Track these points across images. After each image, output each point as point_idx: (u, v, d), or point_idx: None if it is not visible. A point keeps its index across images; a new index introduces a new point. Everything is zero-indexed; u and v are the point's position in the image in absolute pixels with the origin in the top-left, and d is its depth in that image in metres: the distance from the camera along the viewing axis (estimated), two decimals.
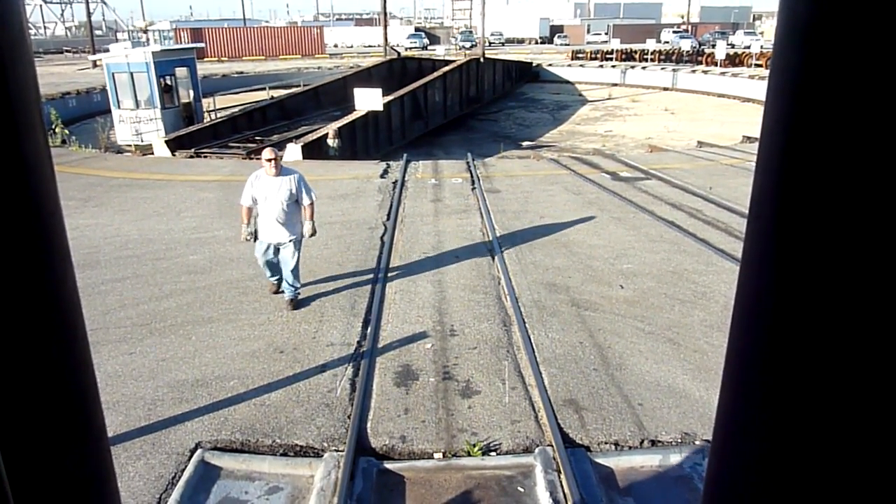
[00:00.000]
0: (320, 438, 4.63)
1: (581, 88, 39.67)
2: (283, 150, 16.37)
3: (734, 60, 39.77)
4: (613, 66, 42.78)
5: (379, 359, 5.79)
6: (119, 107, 20.76)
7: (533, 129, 28.98)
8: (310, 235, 6.76)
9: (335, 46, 70.85)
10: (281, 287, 6.99)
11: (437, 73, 27.74)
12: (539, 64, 43.91)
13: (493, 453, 4.50)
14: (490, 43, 56.25)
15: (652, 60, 44.27)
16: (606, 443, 4.59)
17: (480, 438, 4.62)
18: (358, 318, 6.60)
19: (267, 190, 6.50)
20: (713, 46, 44.79)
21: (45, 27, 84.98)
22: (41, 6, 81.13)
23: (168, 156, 17.20)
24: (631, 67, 41.81)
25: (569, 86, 40.55)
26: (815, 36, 0.79)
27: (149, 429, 4.73)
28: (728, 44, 47.07)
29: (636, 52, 46.77)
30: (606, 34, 69.74)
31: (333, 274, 7.83)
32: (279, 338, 6.19)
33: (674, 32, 63.15)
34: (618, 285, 7.52)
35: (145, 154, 18.17)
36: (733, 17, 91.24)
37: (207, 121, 21.93)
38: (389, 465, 4.37)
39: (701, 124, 27.16)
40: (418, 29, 76.63)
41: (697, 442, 4.56)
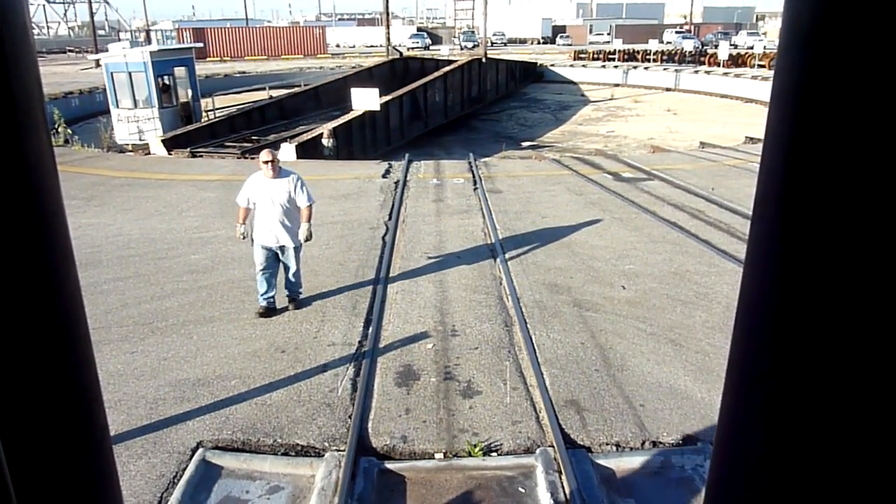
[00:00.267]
0: (321, 438, 4.63)
1: (583, 89, 39.62)
2: (279, 150, 16.38)
3: (737, 61, 39.67)
4: (616, 67, 42.73)
5: (380, 359, 5.79)
6: (118, 106, 20.80)
7: (535, 130, 28.95)
8: (305, 240, 6.55)
9: (337, 46, 70.95)
10: (269, 306, 6.62)
11: (438, 74, 27.55)
12: (542, 64, 43.85)
13: (495, 454, 4.49)
14: (492, 43, 56.20)
15: (654, 61, 44.19)
16: (608, 444, 4.58)
17: (481, 439, 4.62)
18: (359, 318, 6.60)
19: (265, 192, 6.36)
20: (716, 47, 44.66)
21: (48, 27, 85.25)
22: (44, 6, 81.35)
23: (165, 155, 17.23)
24: (633, 68, 41.74)
25: (571, 86, 40.48)
26: (819, 37, 0.79)
27: (150, 428, 4.74)
28: (731, 44, 46.91)
29: (639, 53, 46.68)
30: (609, 34, 69.70)
31: (335, 273, 7.84)
32: (280, 337, 6.20)
33: (676, 33, 63.08)
34: (619, 286, 7.51)
35: (143, 153, 18.20)
36: (736, 18, 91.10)
37: (205, 120, 21.94)
38: (390, 465, 4.37)
39: (703, 125, 27.12)
40: (420, 29, 76.67)
41: (699, 443, 4.56)
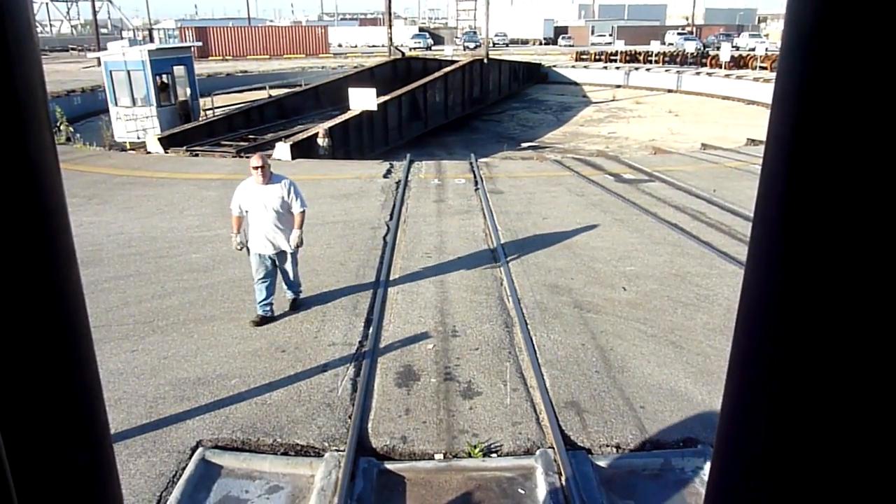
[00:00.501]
0: (321, 438, 4.63)
1: (585, 90, 39.60)
2: (273, 149, 16.40)
3: (739, 63, 39.64)
4: (617, 68, 42.71)
5: (380, 359, 5.79)
6: (116, 104, 20.84)
7: (536, 130, 28.93)
8: (296, 246, 6.36)
9: (339, 46, 70.98)
10: (265, 314, 6.47)
11: (438, 74, 27.45)
12: (541, 65, 43.85)
13: (494, 455, 4.49)
14: (494, 44, 56.22)
15: (656, 62, 44.17)
16: (608, 445, 4.58)
17: (481, 440, 4.62)
18: (360, 318, 6.60)
19: (257, 199, 6.17)
20: (718, 48, 44.69)
21: (52, 25, 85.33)
22: (47, 4, 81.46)
23: (166, 153, 17.25)
24: (635, 69, 41.71)
25: (573, 87, 40.46)
26: (822, 39, 0.79)
27: (150, 426, 4.74)
28: (733, 46, 46.89)
29: (640, 54, 46.65)
30: (611, 35, 69.77)
31: (336, 273, 7.84)
32: (281, 337, 6.20)
33: (678, 34, 63.03)
34: (620, 287, 7.51)
35: (144, 152, 18.22)
36: (738, 20, 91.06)
37: (203, 119, 21.94)
38: (390, 466, 4.37)
39: (705, 126, 27.09)
40: (422, 29, 76.74)
41: (699, 445, 4.55)
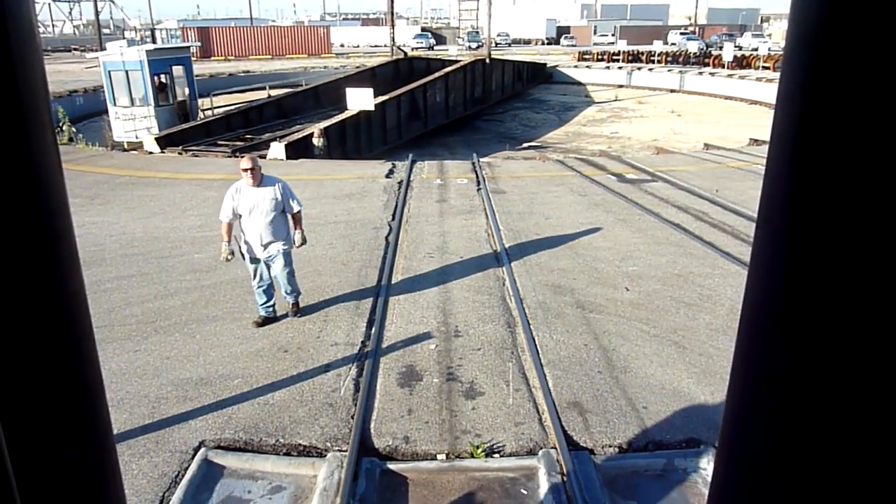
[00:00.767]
0: (324, 438, 4.63)
1: (587, 90, 39.59)
2: (268, 149, 16.41)
3: (741, 63, 39.59)
4: (620, 68, 42.67)
5: (383, 359, 5.79)
6: (115, 104, 20.90)
7: (539, 130, 28.93)
8: (300, 245, 6.40)
9: (341, 46, 71.07)
10: (268, 316, 6.50)
11: (438, 74, 27.39)
12: (546, 64, 43.81)
13: (497, 455, 4.49)
14: (497, 44, 56.21)
15: (658, 62, 44.12)
16: (610, 446, 4.57)
17: (484, 440, 4.62)
18: (362, 318, 6.60)
19: (250, 202, 6.06)
20: (720, 48, 44.59)
21: (54, 25, 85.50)
22: (50, 4, 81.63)
23: (168, 154, 17.29)
24: (637, 69, 41.68)
25: (575, 87, 40.45)
26: (825, 39, 0.79)
27: (153, 427, 4.75)
28: (735, 46, 46.86)
29: (643, 54, 46.59)
30: (613, 35, 69.69)
31: (338, 273, 7.84)
32: (283, 337, 6.20)
33: (681, 34, 62.99)
34: (623, 288, 7.50)
35: (145, 153, 18.26)
36: (741, 19, 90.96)
37: (201, 118, 21.96)
38: (392, 466, 4.37)
39: (708, 126, 27.07)
40: (425, 29, 76.78)
41: (702, 446, 4.55)
